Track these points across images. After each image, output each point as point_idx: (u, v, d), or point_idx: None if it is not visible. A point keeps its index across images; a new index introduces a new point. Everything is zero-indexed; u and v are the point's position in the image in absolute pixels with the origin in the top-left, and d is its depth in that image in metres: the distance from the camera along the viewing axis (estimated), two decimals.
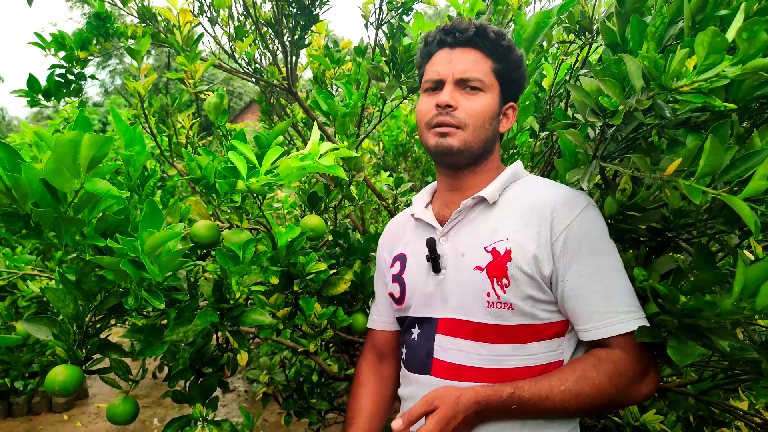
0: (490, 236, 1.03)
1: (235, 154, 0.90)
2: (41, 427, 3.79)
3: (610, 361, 0.94)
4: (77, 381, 1.00)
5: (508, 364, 0.99)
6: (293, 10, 2.05)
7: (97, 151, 0.75)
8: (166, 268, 0.84)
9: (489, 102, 1.08)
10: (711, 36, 0.66)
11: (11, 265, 1.82)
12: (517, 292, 0.98)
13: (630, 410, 1.54)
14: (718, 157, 0.74)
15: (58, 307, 1.02)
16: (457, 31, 1.08)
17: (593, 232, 0.99)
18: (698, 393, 1.45)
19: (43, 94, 1.92)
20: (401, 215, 1.29)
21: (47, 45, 1.86)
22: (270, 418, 3.80)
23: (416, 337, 1.11)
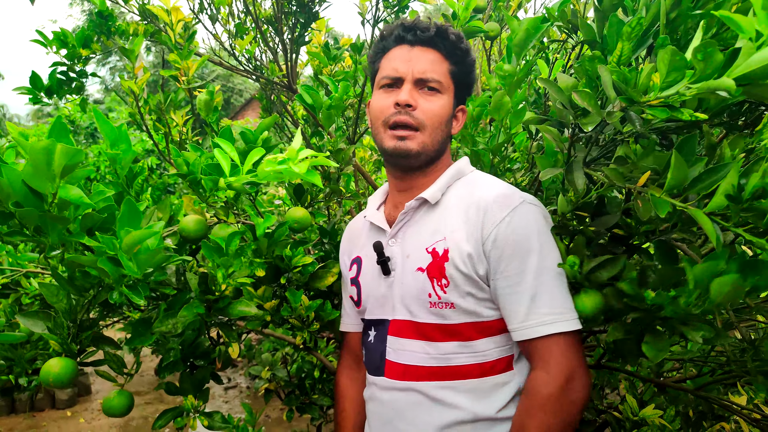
0: (432, 237, 1.04)
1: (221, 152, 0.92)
2: (44, 423, 3.82)
3: (535, 391, 0.95)
4: (71, 373, 1.02)
5: (456, 362, 1.00)
6: (293, 7, 2.05)
7: (69, 161, 0.77)
8: (145, 265, 0.86)
9: (445, 104, 1.08)
10: (670, 54, 0.68)
11: (14, 262, 1.83)
12: (457, 291, 0.99)
13: (629, 405, 1.55)
14: (683, 172, 0.76)
15: (52, 301, 1.05)
16: (418, 29, 1.07)
17: (524, 231, 0.97)
18: (697, 388, 1.46)
19: (46, 92, 1.92)
20: (359, 217, 1.28)
21: (49, 43, 1.87)
22: (272, 414, 3.82)
23: (372, 339, 1.12)
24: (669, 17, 0.84)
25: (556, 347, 0.95)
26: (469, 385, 1.00)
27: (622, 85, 0.78)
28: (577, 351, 0.97)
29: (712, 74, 0.66)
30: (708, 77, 0.67)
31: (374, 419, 1.11)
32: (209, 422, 1.24)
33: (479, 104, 1.57)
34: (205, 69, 17.80)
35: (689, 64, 0.68)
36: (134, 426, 3.74)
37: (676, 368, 1.84)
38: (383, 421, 1.08)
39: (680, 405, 1.62)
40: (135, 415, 3.91)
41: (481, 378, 1.00)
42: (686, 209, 0.76)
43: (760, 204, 0.70)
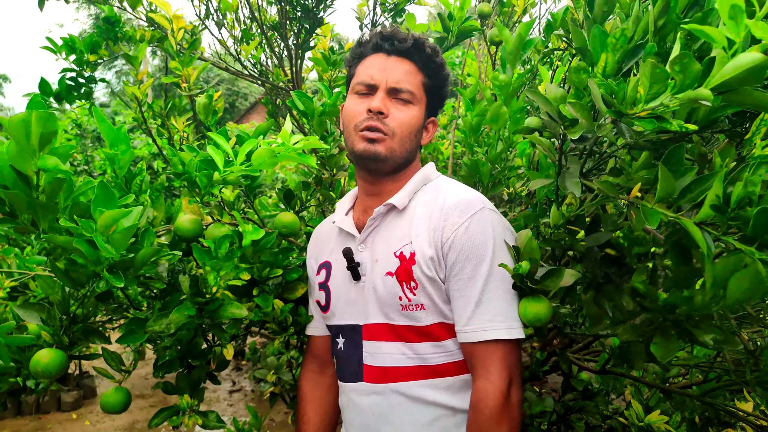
0: (399, 241, 1.06)
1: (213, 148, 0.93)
2: (50, 425, 3.84)
3: (479, 403, 0.97)
4: (60, 364, 1.04)
5: (432, 362, 1.04)
6: (298, 13, 2.07)
7: (45, 128, 0.79)
8: (120, 246, 0.86)
9: (416, 115, 1.11)
10: (651, 67, 0.69)
11: (22, 265, 1.85)
12: (426, 293, 1.02)
13: (635, 410, 1.54)
14: (670, 184, 0.77)
15: (48, 293, 1.08)
16: (395, 39, 1.09)
17: (480, 238, 0.99)
18: (702, 394, 1.46)
19: (55, 98, 1.94)
20: (327, 222, 1.29)
21: (58, 49, 1.89)
22: (277, 418, 3.83)
23: (342, 347, 1.14)
24: (657, 25, 0.85)
25: (496, 354, 0.98)
26: (447, 383, 1.03)
27: (609, 98, 0.79)
28: (514, 356, 1.00)
29: (692, 84, 0.67)
30: (688, 87, 0.68)
31: (352, 427, 1.12)
32: (204, 421, 1.25)
33: (478, 113, 1.57)
34: (211, 73, 17.89)
35: (670, 75, 0.69)
36: (139, 428, 3.75)
37: (681, 374, 1.84)
38: (363, 426, 1.09)
39: (686, 411, 1.61)
40: (140, 417, 3.93)
41: (456, 376, 1.04)
42: (678, 219, 0.76)
43: (746, 212, 0.71)
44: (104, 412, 1.21)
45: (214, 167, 0.93)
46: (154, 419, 1.25)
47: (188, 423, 1.26)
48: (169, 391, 1.32)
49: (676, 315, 0.87)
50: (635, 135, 0.82)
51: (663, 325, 0.91)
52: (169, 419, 1.26)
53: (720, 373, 1.45)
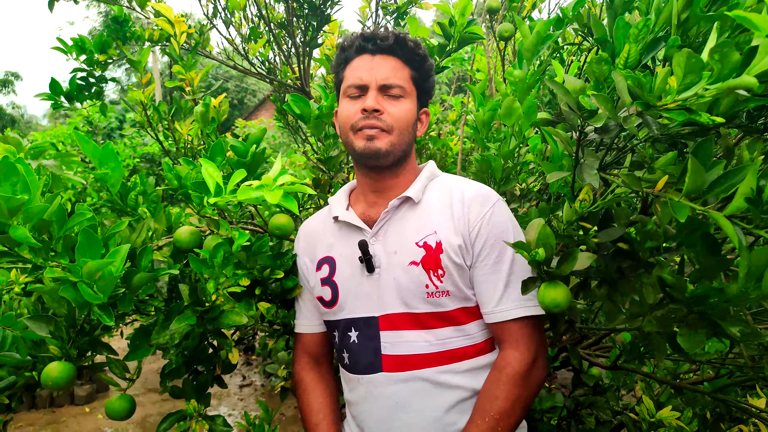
0: (419, 232, 1.10)
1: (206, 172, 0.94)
2: (63, 419, 3.90)
3: (506, 365, 1.05)
4: (69, 376, 1.07)
5: (452, 346, 1.09)
6: (305, 11, 2.07)
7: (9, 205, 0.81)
8: (106, 290, 0.88)
9: (410, 107, 1.14)
10: (686, 57, 0.67)
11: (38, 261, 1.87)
12: (452, 280, 1.07)
13: (646, 406, 1.54)
14: (701, 176, 0.77)
15: (53, 307, 1.09)
16: (377, 39, 1.12)
17: (502, 226, 1.09)
18: (714, 390, 1.45)
19: (66, 97, 1.96)
20: (316, 218, 1.31)
21: (69, 49, 1.90)
22: (287, 413, 3.85)
23: (356, 339, 1.14)
24: (680, 18, 0.84)
25: (525, 329, 1.07)
26: (466, 366, 1.08)
27: (637, 89, 0.78)
28: (541, 333, 1.10)
29: (729, 74, 0.66)
30: (725, 78, 0.66)
31: (371, 418, 1.12)
32: (211, 425, 1.26)
33: (490, 108, 1.57)
34: (219, 69, 17.92)
35: (706, 65, 0.68)
36: (151, 422, 3.80)
37: (693, 370, 1.83)
38: (382, 417, 1.10)
39: (697, 407, 1.61)
40: (152, 411, 3.98)
41: (475, 358, 1.09)
42: (706, 212, 0.76)
43: None
44: (109, 418, 1.23)
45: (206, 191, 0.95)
46: (162, 424, 1.26)
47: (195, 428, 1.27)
48: (177, 396, 1.33)
49: (704, 306, 0.86)
50: (661, 128, 0.81)
51: (688, 317, 0.90)
52: (176, 424, 1.27)
53: (732, 369, 1.45)
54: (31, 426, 3.79)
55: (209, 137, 1.44)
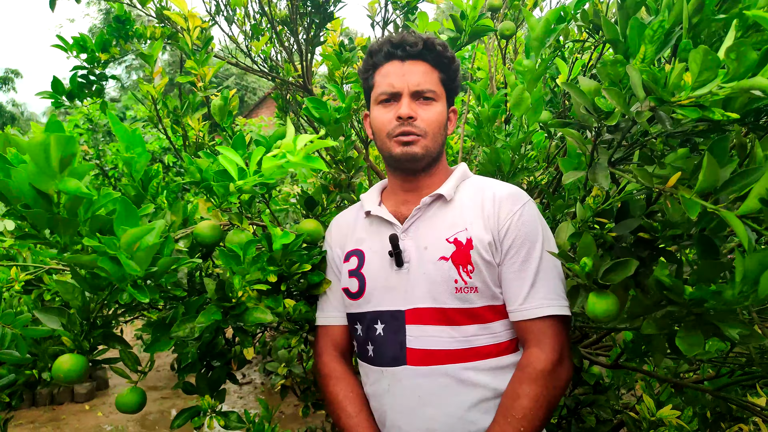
0: (450, 229, 1.13)
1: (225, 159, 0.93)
2: (64, 416, 3.90)
3: (529, 364, 1.06)
4: (81, 369, 1.05)
5: (477, 343, 1.10)
6: (308, 8, 2.06)
7: (64, 152, 0.78)
8: (144, 263, 0.86)
9: (441, 110, 1.18)
10: (703, 54, 0.68)
11: (37, 259, 1.87)
12: (481, 277, 1.09)
13: (646, 405, 1.54)
14: (715, 174, 0.77)
15: (68, 299, 1.08)
16: (407, 45, 1.15)
17: (531, 225, 1.11)
18: (715, 389, 1.45)
19: (67, 96, 1.96)
20: (348, 212, 1.34)
21: (69, 48, 1.90)
22: (287, 411, 3.86)
23: (382, 332, 1.15)
24: (692, 22, 0.84)
25: (550, 329, 1.07)
26: (490, 364, 1.09)
27: (651, 84, 0.78)
28: (566, 334, 1.10)
29: (745, 74, 0.67)
30: (741, 77, 0.67)
31: (393, 411, 1.12)
32: (225, 422, 1.26)
33: (494, 104, 1.57)
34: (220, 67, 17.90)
35: (722, 63, 0.68)
36: (151, 420, 3.80)
37: (693, 369, 1.83)
38: (405, 410, 1.10)
39: (698, 406, 1.61)
40: (152, 409, 3.98)
41: (498, 357, 1.10)
42: (717, 211, 0.76)
43: None
44: (120, 411, 1.22)
45: (230, 178, 0.94)
46: (176, 420, 1.26)
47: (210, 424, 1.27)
48: (190, 391, 1.32)
49: (701, 309, 0.86)
50: (674, 123, 0.81)
51: (687, 319, 0.91)
52: (191, 420, 1.27)
53: (732, 368, 1.45)
54: (31, 423, 3.79)
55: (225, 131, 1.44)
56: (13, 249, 2.16)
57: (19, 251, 2.16)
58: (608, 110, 0.91)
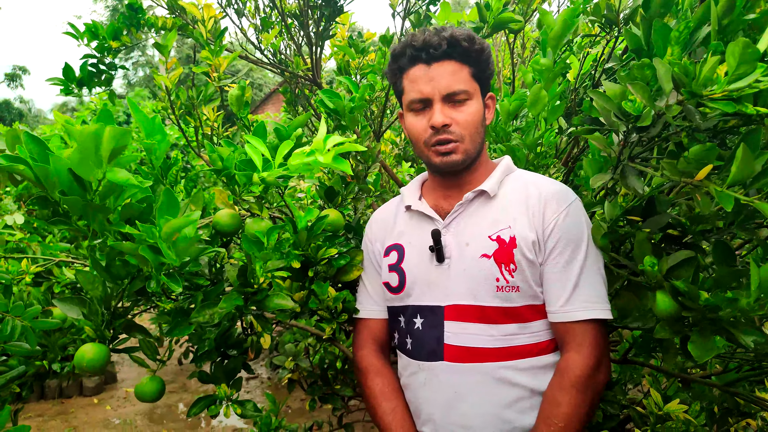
0: (493, 226, 1.11)
1: (252, 148, 0.93)
2: (72, 409, 3.93)
3: (568, 369, 1.04)
4: (104, 358, 1.06)
5: (516, 342, 1.08)
6: (318, 1, 2.07)
7: (117, 143, 0.79)
8: (183, 253, 0.87)
9: (477, 107, 1.13)
10: (742, 47, 0.68)
11: (47, 252, 1.89)
12: (523, 276, 1.07)
13: (653, 399, 1.54)
14: (749, 166, 0.77)
15: (88, 289, 1.08)
16: (430, 48, 1.09)
17: (577, 225, 1.09)
18: (724, 384, 1.45)
19: (77, 83, 1.97)
20: (388, 206, 1.33)
21: (80, 35, 1.91)
22: (293, 405, 3.87)
23: (420, 326, 1.15)
24: (722, 23, 0.83)
25: (591, 332, 1.05)
26: (528, 364, 1.08)
27: (683, 77, 0.77)
28: (605, 338, 1.08)
29: None
30: None
31: (429, 405, 1.12)
32: (242, 411, 1.26)
33: (516, 99, 1.55)
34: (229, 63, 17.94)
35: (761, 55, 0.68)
36: (159, 414, 3.82)
37: (700, 365, 1.82)
38: (441, 404, 1.10)
39: (705, 401, 1.61)
40: (159, 403, 4.00)
41: (537, 357, 1.09)
42: (752, 203, 0.76)
43: None
44: (140, 401, 1.22)
45: (254, 168, 0.94)
46: (192, 408, 1.26)
47: (227, 412, 1.28)
48: (206, 380, 1.33)
49: (716, 315, 0.86)
50: (703, 117, 0.81)
51: (701, 324, 0.91)
52: (207, 408, 1.27)
53: (740, 363, 1.44)
54: (40, 416, 3.82)
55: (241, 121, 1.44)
56: (23, 242, 2.18)
57: (29, 244, 2.18)
58: (636, 113, 0.90)
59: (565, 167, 1.77)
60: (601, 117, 0.99)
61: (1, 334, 1.25)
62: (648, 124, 0.89)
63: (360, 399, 2.39)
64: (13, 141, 1.16)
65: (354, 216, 1.65)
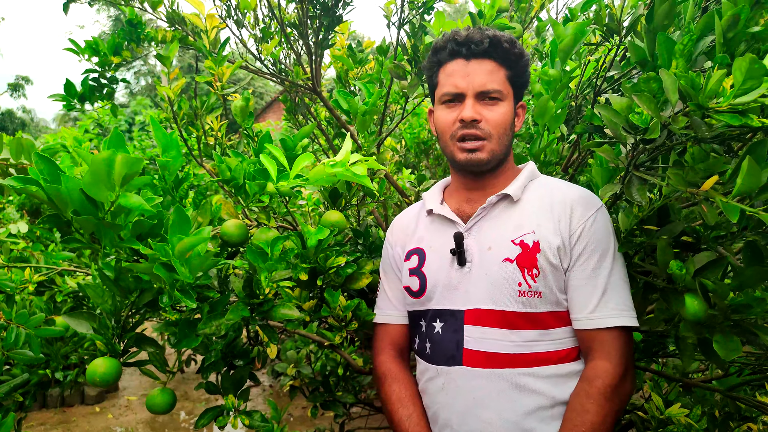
0: (516, 230, 1.10)
1: (266, 157, 0.94)
2: (74, 418, 3.92)
3: (597, 377, 1.03)
4: (116, 372, 1.06)
5: (537, 349, 1.07)
6: (317, 11, 2.09)
7: (129, 170, 0.81)
8: (196, 269, 0.89)
9: (508, 110, 1.13)
10: (749, 62, 0.70)
11: (50, 261, 1.90)
12: (546, 282, 1.06)
13: (655, 403, 1.54)
14: (756, 178, 0.78)
15: (97, 302, 1.09)
16: (472, 43, 1.10)
17: (603, 232, 1.08)
18: (726, 389, 1.45)
19: (79, 99, 1.99)
20: (409, 211, 1.33)
21: (81, 51, 1.93)
22: (295, 413, 3.87)
23: (440, 330, 1.14)
24: (726, 37, 0.85)
25: (619, 340, 1.05)
26: (549, 371, 1.06)
27: (690, 90, 0.79)
28: (632, 346, 1.08)
29: None
30: None
31: (446, 410, 1.11)
32: (250, 421, 1.27)
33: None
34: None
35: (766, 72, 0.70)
36: (160, 422, 3.82)
37: (701, 370, 1.82)
38: (459, 410, 1.09)
39: (706, 406, 1.61)
40: None
41: (558, 364, 1.07)
42: (757, 214, 0.78)
43: None
44: (151, 412, 1.22)
45: (268, 177, 0.95)
46: (200, 419, 1.27)
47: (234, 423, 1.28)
48: (212, 391, 1.34)
49: (741, 314, 0.87)
50: (709, 129, 0.83)
51: (723, 325, 0.92)
52: (215, 419, 1.28)
53: (740, 367, 1.45)
54: (42, 425, 3.81)
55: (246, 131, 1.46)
56: (27, 251, 2.20)
57: (33, 253, 2.19)
58: (644, 125, 0.92)
59: (565, 173, 1.79)
60: (608, 129, 1.01)
61: (6, 342, 1.26)
62: (656, 136, 0.91)
63: (362, 406, 2.39)
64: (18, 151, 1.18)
65: (358, 220, 1.66)
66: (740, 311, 0.88)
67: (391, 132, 2.21)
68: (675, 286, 1.01)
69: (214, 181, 1.23)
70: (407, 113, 2.08)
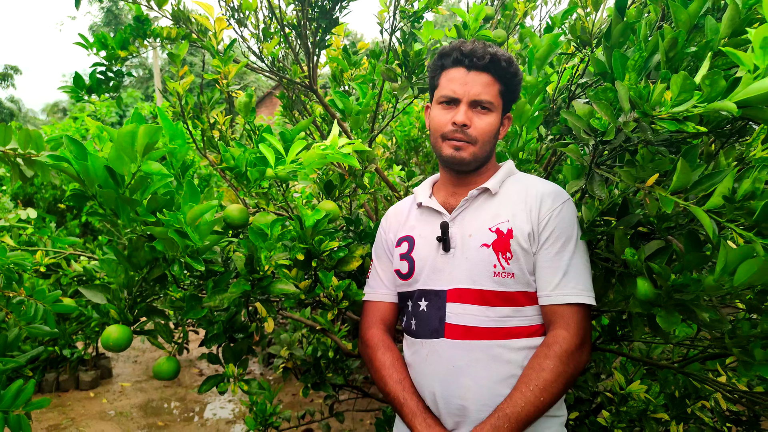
0: (493, 219, 1.25)
1: (265, 146, 1.07)
2: (69, 402, 4.01)
3: (555, 342, 1.16)
4: (127, 338, 1.19)
5: (510, 324, 1.21)
6: (315, 13, 2.20)
7: (150, 139, 0.93)
8: (204, 235, 1.01)
9: (495, 120, 1.28)
10: (682, 78, 0.84)
11: (57, 245, 2.01)
12: (518, 264, 1.20)
13: (617, 381, 1.70)
14: (687, 176, 0.93)
15: (111, 276, 1.21)
16: (474, 57, 1.24)
17: (568, 221, 1.23)
18: (682, 366, 1.60)
19: (87, 91, 2.09)
20: (403, 203, 1.49)
21: (90, 45, 2.03)
22: (285, 399, 3.98)
23: (425, 308, 1.28)
24: (668, 55, 1.00)
25: (577, 315, 1.18)
26: (520, 344, 1.20)
27: (637, 99, 0.94)
28: (589, 323, 1.22)
29: (716, 97, 0.82)
30: (713, 99, 0.83)
31: (430, 378, 1.24)
32: (249, 388, 1.40)
33: None
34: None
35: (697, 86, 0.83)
36: (154, 407, 3.92)
37: (665, 357, 1.97)
38: (441, 378, 1.22)
39: (669, 387, 1.76)
40: (154, 396, 4.10)
41: (528, 338, 1.21)
42: (687, 207, 0.93)
43: (750, 204, 0.88)
44: (157, 378, 1.35)
45: (267, 164, 1.07)
46: (203, 386, 1.40)
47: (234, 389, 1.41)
48: (213, 361, 1.47)
49: (682, 294, 1.02)
50: (653, 133, 0.97)
51: (667, 303, 1.07)
52: (216, 386, 1.40)
53: (701, 349, 1.59)
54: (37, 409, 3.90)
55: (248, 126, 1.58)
56: (35, 236, 2.30)
57: (41, 237, 2.29)
58: (603, 129, 1.06)
59: (545, 172, 1.92)
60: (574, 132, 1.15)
61: (26, 315, 1.38)
62: (612, 138, 1.05)
63: (350, 389, 2.52)
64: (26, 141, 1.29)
65: (350, 210, 1.79)
66: (680, 290, 1.02)
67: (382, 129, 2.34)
68: (629, 271, 1.16)
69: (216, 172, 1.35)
70: (398, 112, 2.21)
